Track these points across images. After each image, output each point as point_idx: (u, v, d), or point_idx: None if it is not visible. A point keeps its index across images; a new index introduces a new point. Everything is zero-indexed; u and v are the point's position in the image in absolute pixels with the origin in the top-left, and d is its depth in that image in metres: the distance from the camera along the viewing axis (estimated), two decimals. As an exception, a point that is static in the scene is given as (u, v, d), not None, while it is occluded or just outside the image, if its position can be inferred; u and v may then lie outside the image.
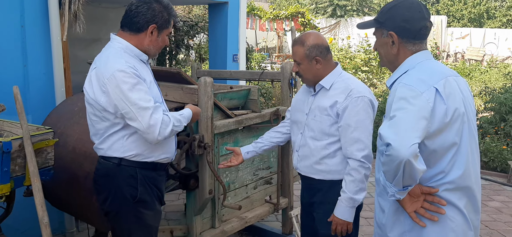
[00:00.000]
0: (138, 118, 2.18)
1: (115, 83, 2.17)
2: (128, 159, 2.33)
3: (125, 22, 2.35)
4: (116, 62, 2.20)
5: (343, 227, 2.48)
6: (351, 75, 2.62)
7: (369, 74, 12.70)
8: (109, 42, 2.39)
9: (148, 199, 2.40)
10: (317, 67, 2.53)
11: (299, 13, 15.58)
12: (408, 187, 1.83)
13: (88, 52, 5.55)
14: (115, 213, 2.40)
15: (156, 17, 2.31)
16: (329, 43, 15.85)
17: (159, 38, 2.38)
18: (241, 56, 5.66)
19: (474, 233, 1.95)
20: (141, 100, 2.18)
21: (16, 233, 3.57)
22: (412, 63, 1.94)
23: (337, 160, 2.53)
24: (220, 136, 3.24)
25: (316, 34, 2.59)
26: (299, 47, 2.55)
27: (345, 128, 2.45)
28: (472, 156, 1.91)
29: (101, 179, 2.40)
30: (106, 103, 2.22)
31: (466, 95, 1.93)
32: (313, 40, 2.53)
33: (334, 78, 2.55)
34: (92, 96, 2.26)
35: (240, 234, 4.17)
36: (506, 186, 5.97)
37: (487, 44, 21.60)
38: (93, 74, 2.27)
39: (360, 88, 2.49)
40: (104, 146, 2.34)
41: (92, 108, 2.31)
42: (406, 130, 1.72)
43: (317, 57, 2.51)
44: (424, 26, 1.95)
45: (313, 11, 26.66)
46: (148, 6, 2.30)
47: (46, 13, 3.73)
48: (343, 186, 2.46)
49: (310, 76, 2.57)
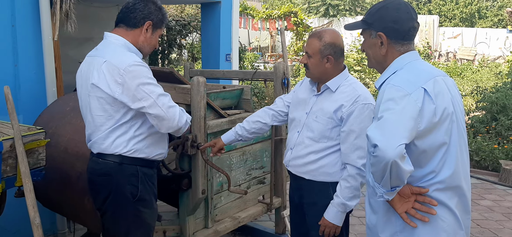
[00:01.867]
0: (158, 104, 2.26)
1: (132, 73, 2.21)
2: (129, 157, 2.32)
3: (121, 18, 2.40)
4: (127, 55, 2.27)
5: (331, 230, 2.47)
6: (357, 80, 2.59)
7: (362, 73, 12.74)
8: (104, 40, 2.40)
9: (147, 197, 2.41)
10: (326, 65, 2.49)
11: (291, 13, 15.62)
12: (397, 187, 1.83)
13: (79, 51, 5.50)
14: (113, 213, 2.38)
15: (152, 15, 2.41)
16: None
17: (153, 37, 2.44)
18: (234, 56, 5.65)
19: (464, 232, 1.95)
20: (159, 88, 2.29)
21: (7, 234, 3.54)
22: (400, 64, 1.95)
23: (330, 163, 2.51)
24: (213, 135, 3.23)
25: (336, 33, 2.54)
26: (315, 40, 2.50)
27: (348, 133, 2.42)
28: (461, 156, 1.92)
29: (99, 178, 2.37)
30: (121, 94, 2.23)
31: (454, 94, 1.94)
32: (331, 38, 2.48)
33: (340, 81, 2.52)
34: (105, 89, 2.25)
35: (233, 234, 4.16)
36: (498, 185, 6.02)
37: (478, 44, 21.76)
38: (104, 68, 2.25)
39: (367, 95, 2.47)
40: (106, 142, 2.32)
41: (101, 102, 2.28)
42: (392, 131, 1.73)
43: (330, 56, 2.48)
44: (412, 26, 1.96)
45: (305, 11, 26.69)
46: (145, 4, 2.40)
47: (37, 12, 3.70)
48: (338, 190, 2.45)
49: (316, 72, 2.53)
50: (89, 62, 2.37)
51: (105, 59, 2.27)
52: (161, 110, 2.26)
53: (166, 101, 2.29)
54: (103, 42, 2.41)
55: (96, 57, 2.33)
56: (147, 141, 2.37)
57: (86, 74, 2.35)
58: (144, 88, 2.23)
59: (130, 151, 2.32)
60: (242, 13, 15.52)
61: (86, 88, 2.35)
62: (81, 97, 2.44)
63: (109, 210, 2.39)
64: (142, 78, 2.23)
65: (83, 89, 2.39)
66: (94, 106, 2.32)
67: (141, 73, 2.24)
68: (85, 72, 2.37)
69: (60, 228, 3.97)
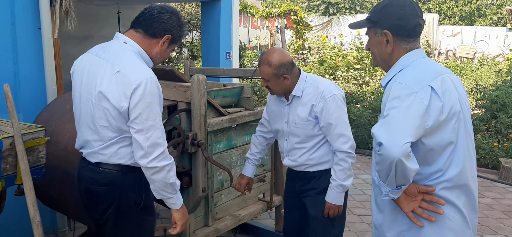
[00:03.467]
0: (147, 133, 2.09)
1: (146, 90, 2.08)
2: (131, 166, 2.22)
3: (141, 22, 2.26)
4: (144, 70, 2.14)
5: (335, 210, 2.72)
6: (314, 76, 2.78)
7: (362, 71, 12.73)
8: (115, 41, 2.27)
9: (150, 204, 2.33)
10: (285, 82, 2.69)
11: (291, 11, 15.61)
12: (402, 186, 1.82)
13: (79, 49, 5.47)
14: (115, 223, 2.27)
15: (173, 29, 2.29)
16: (321, 41, 15.90)
17: (167, 50, 2.34)
18: (234, 54, 5.65)
19: (472, 232, 1.94)
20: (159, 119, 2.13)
21: (7, 233, 3.54)
22: (406, 62, 1.93)
23: (324, 152, 2.74)
24: (213, 134, 3.23)
25: (280, 51, 2.71)
26: (266, 67, 2.67)
27: (328, 127, 2.66)
28: (468, 154, 1.91)
29: (101, 188, 2.24)
30: (127, 108, 2.10)
31: (461, 92, 1.93)
32: (279, 60, 2.66)
33: (301, 85, 2.72)
34: (114, 102, 2.10)
35: (233, 232, 4.16)
36: (497, 183, 6.02)
37: (478, 42, 21.74)
38: (116, 79, 2.10)
39: (330, 87, 2.69)
40: (108, 152, 2.19)
41: (106, 113, 2.14)
42: (398, 129, 1.72)
43: (284, 75, 2.67)
44: (418, 23, 1.94)
45: (305, 9, 26.67)
46: (170, 16, 2.28)
47: (37, 10, 3.70)
48: (333, 174, 2.69)
49: (279, 90, 2.74)
50: (96, 63, 2.19)
51: (119, 70, 2.11)
52: (144, 140, 2.09)
53: (155, 137, 2.10)
54: (114, 44, 2.25)
55: (106, 62, 2.16)
56: None
57: (92, 77, 2.18)
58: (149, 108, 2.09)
59: (134, 162, 2.20)
60: (242, 11, 15.50)
61: (89, 92, 2.19)
62: (80, 99, 2.26)
63: (110, 220, 2.27)
64: (153, 95, 2.10)
65: (86, 91, 2.22)
66: (98, 115, 2.17)
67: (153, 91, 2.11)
68: (91, 74, 2.19)
69: (61, 227, 3.97)
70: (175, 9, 2.33)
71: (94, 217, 2.35)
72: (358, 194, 5.41)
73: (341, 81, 12.46)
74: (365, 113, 7.87)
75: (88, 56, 2.30)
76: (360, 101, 9.44)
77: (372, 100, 9.02)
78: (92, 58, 2.25)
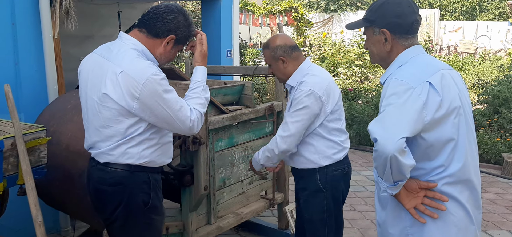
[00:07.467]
0: (177, 121, 2.18)
1: (152, 87, 2.09)
2: (140, 166, 2.22)
3: (145, 22, 2.24)
4: (147, 66, 2.12)
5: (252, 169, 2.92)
6: (316, 70, 2.70)
7: (363, 68, 12.72)
8: (118, 41, 2.25)
9: (158, 204, 2.34)
10: (284, 66, 2.69)
11: (292, 8, 15.56)
12: (400, 182, 1.82)
13: (80, 49, 5.50)
14: (124, 222, 2.27)
15: (178, 29, 2.24)
16: (322, 37, 15.83)
17: (172, 51, 2.31)
18: (235, 52, 5.65)
19: (476, 228, 1.93)
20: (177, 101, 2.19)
21: (10, 233, 3.54)
22: (405, 58, 1.93)
23: (311, 151, 2.68)
24: (214, 132, 3.22)
25: (282, 35, 2.74)
26: (266, 50, 2.73)
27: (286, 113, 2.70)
28: (470, 149, 1.90)
29: (110, 187, 2.24)
30: (138, 108, 2.11)
31: (461, 88, 1.93)
32: (277, 42, 2.68)
33: (299, 77, 2.65)
34: (121, 102, 2.10)
35: (236, 230, 4.16)
36: (500, 178, 6.01)
37: (479, 37, 21.67)
38: (120, 79, 2.09)
39: (310, 83, 2.59)
40: (116, 153, 2.19)
41: (113, 113, 2.14)
42: (392, 124, 1.72)
43: (282, 57, 2.67)
44: (415, 20, 1.94)
45: (306, 6, 26.62)
46: (175, 16, 2.23)
47: (37, 10, 3.70)
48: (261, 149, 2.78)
49: (280, 75, 2.75)
50: (100, 64, 2.19)
51: (122, 69, 2.09)
52: (179, 126, 2.21)
53: (186, 113, 2.20)
54: (118, 44, 2.23)
55: (109, 63, 2.16)
56: (159, 150, 2.27)
57: (98, 78, 2.18)
58: (163, 102, 2.13)
59: (141, 161, 2.21)
60: (242, 9, 15.47)
61: (95, 94, 2.18)
62: (87, 100, 2.26)
63: (119, 220, 2.27)
64: (160, 89, 2.11)
65: (91, 93, 2.22)
66: (106, 116, 2.16)
67: (161, 84, 2.12)
68: (97, 75, 2.19)
69: (63, 226, 3.97)
70: (182, 9, 2.28)
71: (103, 217, 2.36)
72: (361, 191, 5.40)
73: (342, 78, 12.44)
74: (367, 110, 7.86)
75: (93, 57, 2.29)
76: (361, 98, 9.43)
77: (373, 97, 9.01)
78: (97, 58, 2.25)
